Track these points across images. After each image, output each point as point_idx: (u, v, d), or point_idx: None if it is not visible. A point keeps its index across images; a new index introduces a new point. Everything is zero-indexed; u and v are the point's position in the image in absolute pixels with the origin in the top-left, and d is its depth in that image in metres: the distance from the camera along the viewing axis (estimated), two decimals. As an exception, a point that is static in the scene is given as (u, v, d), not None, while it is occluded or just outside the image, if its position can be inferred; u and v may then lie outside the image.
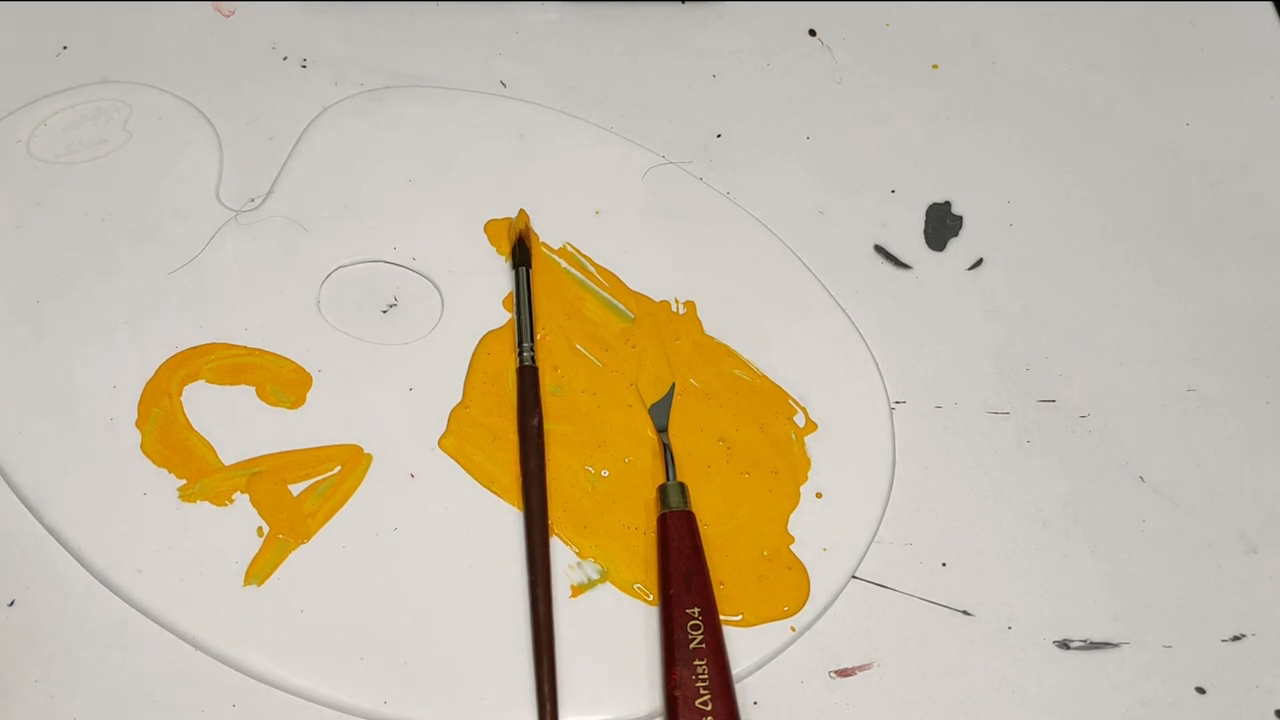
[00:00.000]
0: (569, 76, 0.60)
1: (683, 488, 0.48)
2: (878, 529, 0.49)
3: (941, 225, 0.57)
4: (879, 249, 0.56)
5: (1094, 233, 0.58)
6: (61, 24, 0.60)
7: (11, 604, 0.45)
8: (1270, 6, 0.66)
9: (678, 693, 0.43)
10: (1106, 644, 0.47)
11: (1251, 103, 0.63)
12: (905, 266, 0.56)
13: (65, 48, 0.59)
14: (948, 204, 0.58)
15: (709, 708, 0.43)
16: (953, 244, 0.57)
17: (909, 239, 0.56)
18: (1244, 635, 0.48)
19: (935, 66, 0.62)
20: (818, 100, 0.60)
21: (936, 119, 0.60)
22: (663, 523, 0.47)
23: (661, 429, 0.50)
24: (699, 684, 0.43)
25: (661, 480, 0.49)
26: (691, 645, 0.44)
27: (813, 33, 0.61)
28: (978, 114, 0.61)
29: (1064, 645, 0.47)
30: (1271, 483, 0.51)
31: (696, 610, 0.45)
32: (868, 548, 0.48)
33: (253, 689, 0.45)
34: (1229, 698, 0.46)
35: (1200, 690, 0.46)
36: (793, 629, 0.47)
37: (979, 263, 0.56)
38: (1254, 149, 0.61)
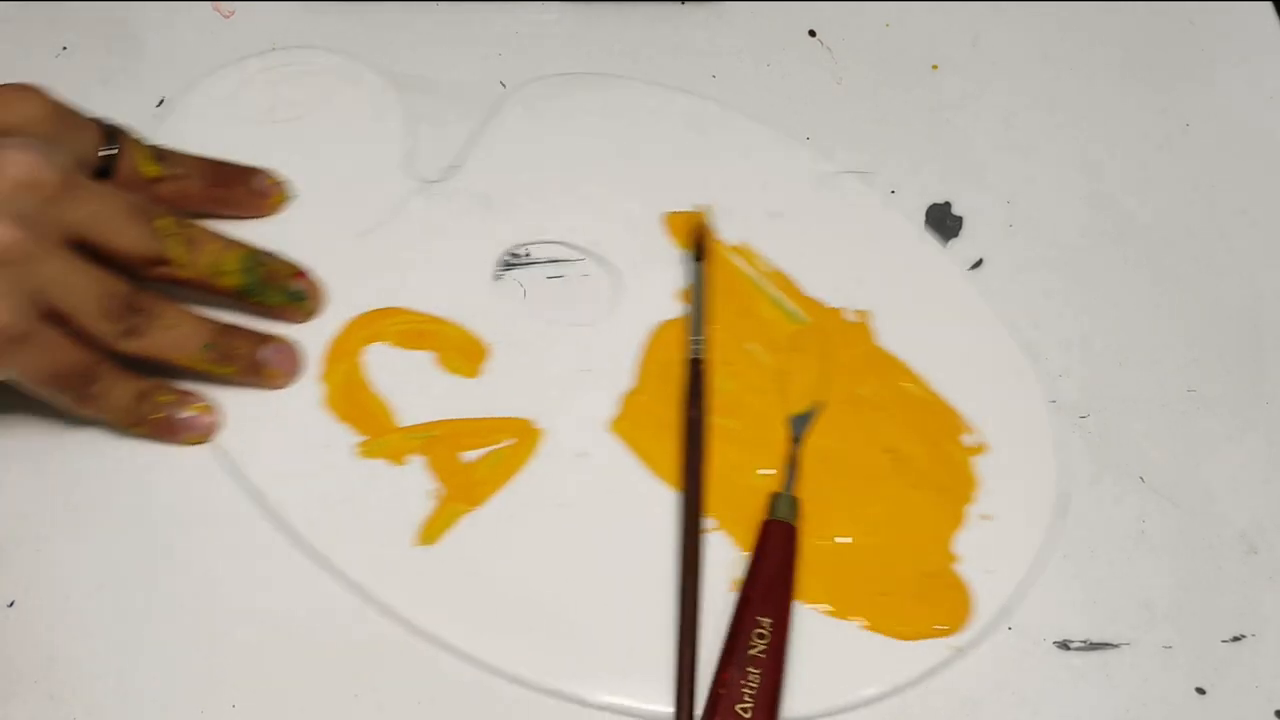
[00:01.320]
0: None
1: (794, 502, 0.48)
2: (1040, 555, 0.49)
3: (941, 225, 0.57)
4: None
5: (1094, 233, 0.57)
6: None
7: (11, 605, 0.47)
8: (1270, 6, 0.65)
9: (722, 691, 0.44)
10: (1106, 644, 0.47)
11: (1251, 103, 0.62)
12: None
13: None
14: (948, 204, 0.57)
15: (747, 715, 0.43)
16: (953, 244, 0.57)
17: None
18: (1244, 636, 0.48)
19: (935, 67, 0.62)
20: (818, 100, 0.60)
21: (936, 119, 0.60)
22: (765, 529, 0.48)
23: (796, 439, 0.50)
24: (745, 690, 0.44)
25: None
26: (751, 652, 0.45)
27: (812, 33, 0.61)
28: (977, 114, 0.60)
29: (1064, 646, 0.47)
30: (1272, 483, 0.51)
31: (768, 621, 0.45)
32: (1028, 575, 0.49)
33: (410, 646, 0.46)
34: (1229, 698, 0.46)
35: (1200, 691, 0.46)
36: (956, 649, 0.47)
37: (979, 263, 0.56)
38: (1253, 149, 0.61)
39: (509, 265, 0.55)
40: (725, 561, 0.48)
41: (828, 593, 0.47)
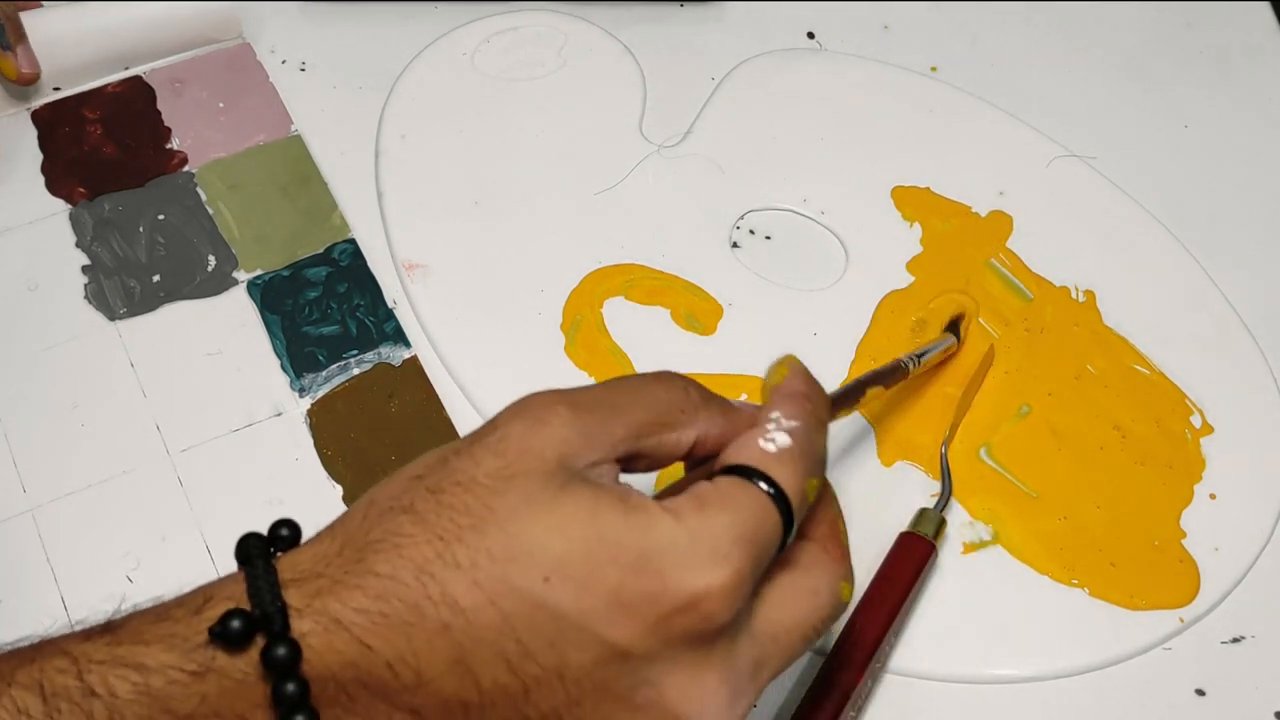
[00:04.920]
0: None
1: (942, 521, 0.47)
2: (1270, 536, 0.49)
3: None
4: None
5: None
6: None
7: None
8: (1268, 7, 0.65)
9: None
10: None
11: (1250, 103, 0.62)
12: None
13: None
14: None
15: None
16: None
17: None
18: (1243, 637, 0.47)
19: (934, 68, 0.61)
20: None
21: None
22: (904, 541, 0.47)
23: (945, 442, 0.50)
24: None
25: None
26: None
27: (811, 35, 0.61)
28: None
29: None
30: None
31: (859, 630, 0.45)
32: (1260, 553, 0.49)
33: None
34: (1229, 700, 0.46)
35: (1200, 692, 0.46)
36: (1181, 620, 0.47)
37: None
38: (1253, 150, 0.60)
39: (740, 229, 0.56)
40: (958, 525, 0.49)
41: (1054, 560, 0.48)
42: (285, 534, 0.34)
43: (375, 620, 0.31)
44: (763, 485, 0.34)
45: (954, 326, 0.53)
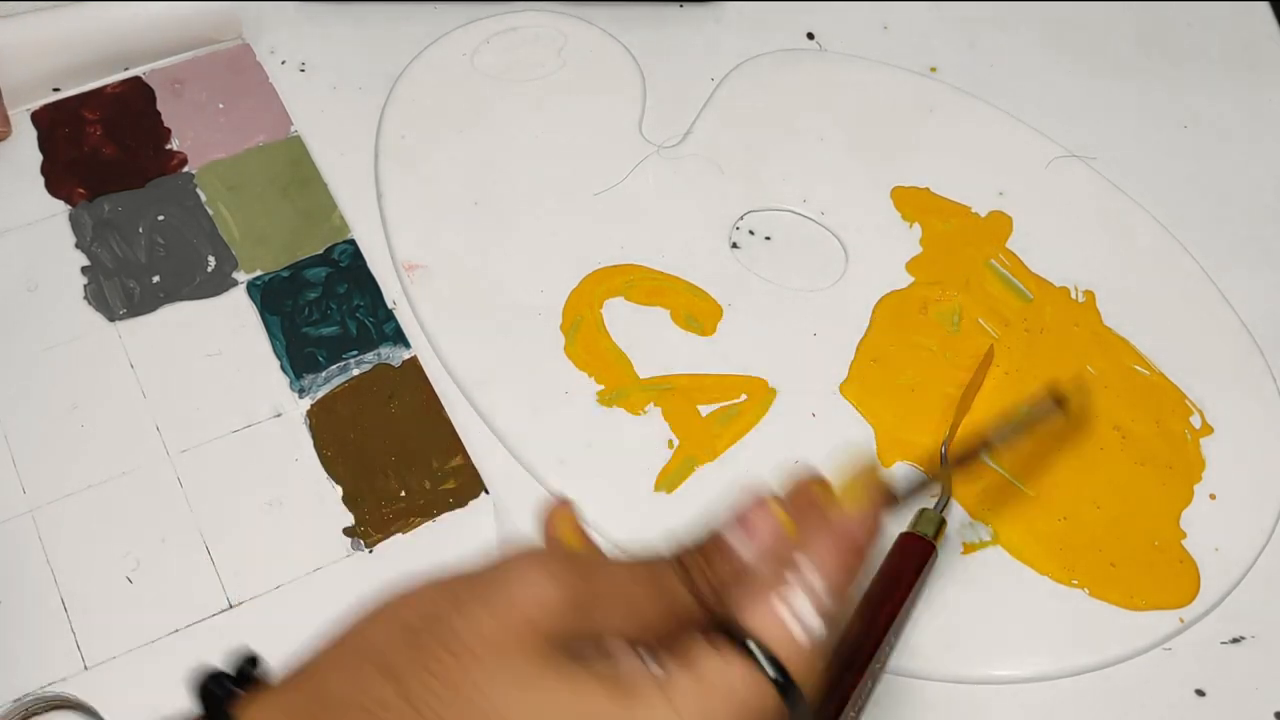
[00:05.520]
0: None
1: (942, 522, 0.47)
2: (1271, 536, 0.49)
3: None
4: None
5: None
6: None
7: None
8: (1268, 7, 0.65)
9: None
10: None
11: (1250, 103, 0.62)
12: None
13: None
14: None
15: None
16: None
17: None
18: (1243, 637, 0.47)
19: (934, 69, 0.61)
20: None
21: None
22: (904, 541, 0.47)
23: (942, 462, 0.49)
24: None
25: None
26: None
27: (811, 35, 0.61)
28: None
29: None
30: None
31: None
32: (1260, 553, 0.49)
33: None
34: (1229, 700, 0.46)
35: (1200, 693, 0.46)
36: (1181, 620, 0.47)
37: None
38: (1253, 150, 0.60)
39: (740, 230, 0.56)
40: (958, 526, 0.49)
41: (1054, 560, 0.48)
42: (252, 672, 0.32)
43: None
44: (770, 672, 0.31)
45: (1058, 399, 0.50)
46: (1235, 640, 0.47)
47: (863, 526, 0.34)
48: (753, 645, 0.31)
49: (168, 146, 0.56)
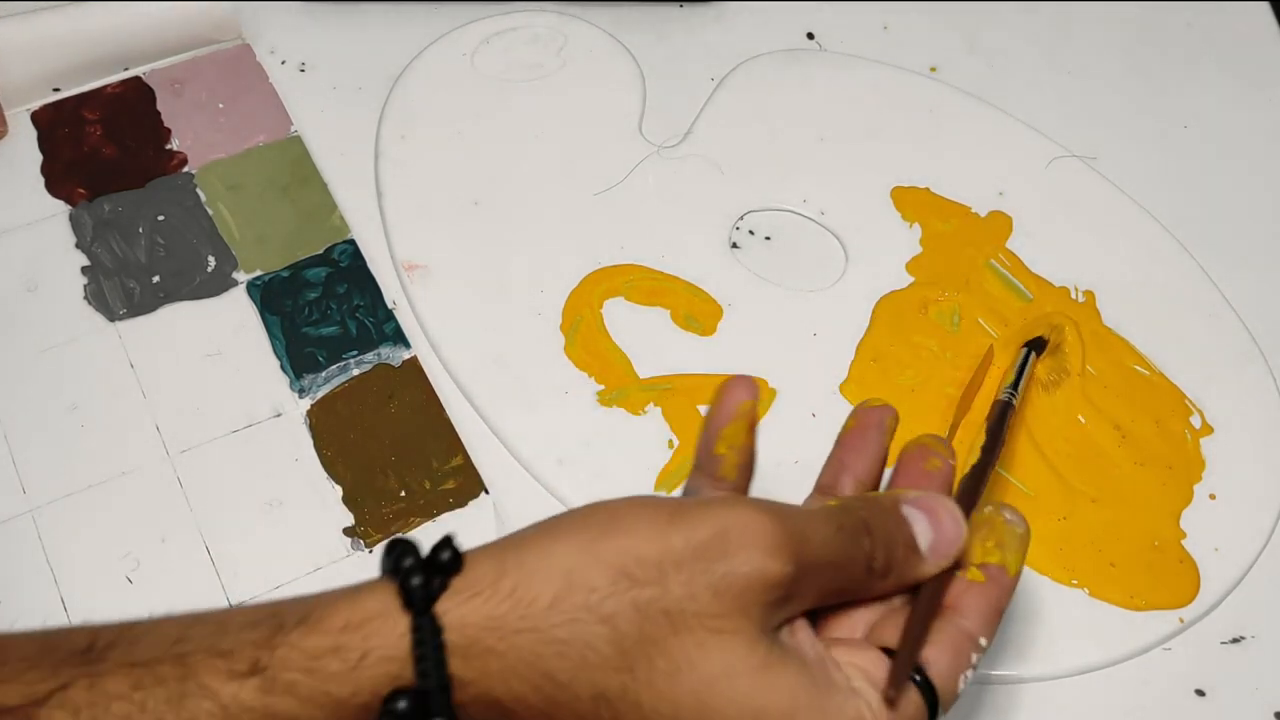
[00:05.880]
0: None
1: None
2: (1270, 536, 0.49)
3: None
4: None
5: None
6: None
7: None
8: (1268, 7, 0.65)
9: None
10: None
11: (1250, 103, 0.62)
12: None
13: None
14: None
15: None
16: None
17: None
18: (1243, 637, 0.47)
19: (934, 69, 0.61)
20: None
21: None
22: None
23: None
24: None
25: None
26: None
27: (811, 35, 0.61)
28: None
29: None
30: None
31: None
32: (1260, 553, 0.49)
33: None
34: (1229, 700, 0.46)
35: (1200, 693, 0.46)
36: (1181, 620, 0.47)
37: None
38: (1253, 150, 0.60)
39: (740, 230, 0.56)
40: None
41: (1054, 560, 0.48)
42: (446, 558, 0.32)
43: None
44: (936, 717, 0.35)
45: (1037, 343, 0.52)
46: (1235, 640, 0.47)
47: (1007, 589, 0.38)
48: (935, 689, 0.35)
49: (168, 146, 0.56)
